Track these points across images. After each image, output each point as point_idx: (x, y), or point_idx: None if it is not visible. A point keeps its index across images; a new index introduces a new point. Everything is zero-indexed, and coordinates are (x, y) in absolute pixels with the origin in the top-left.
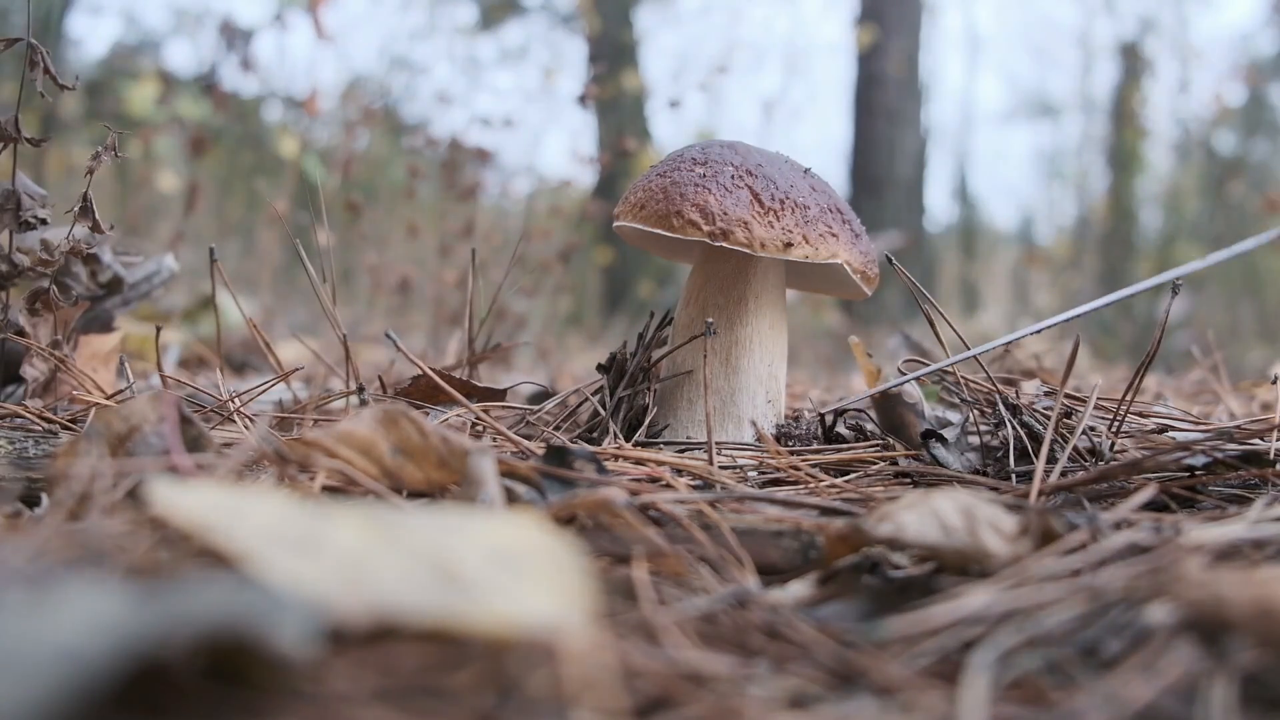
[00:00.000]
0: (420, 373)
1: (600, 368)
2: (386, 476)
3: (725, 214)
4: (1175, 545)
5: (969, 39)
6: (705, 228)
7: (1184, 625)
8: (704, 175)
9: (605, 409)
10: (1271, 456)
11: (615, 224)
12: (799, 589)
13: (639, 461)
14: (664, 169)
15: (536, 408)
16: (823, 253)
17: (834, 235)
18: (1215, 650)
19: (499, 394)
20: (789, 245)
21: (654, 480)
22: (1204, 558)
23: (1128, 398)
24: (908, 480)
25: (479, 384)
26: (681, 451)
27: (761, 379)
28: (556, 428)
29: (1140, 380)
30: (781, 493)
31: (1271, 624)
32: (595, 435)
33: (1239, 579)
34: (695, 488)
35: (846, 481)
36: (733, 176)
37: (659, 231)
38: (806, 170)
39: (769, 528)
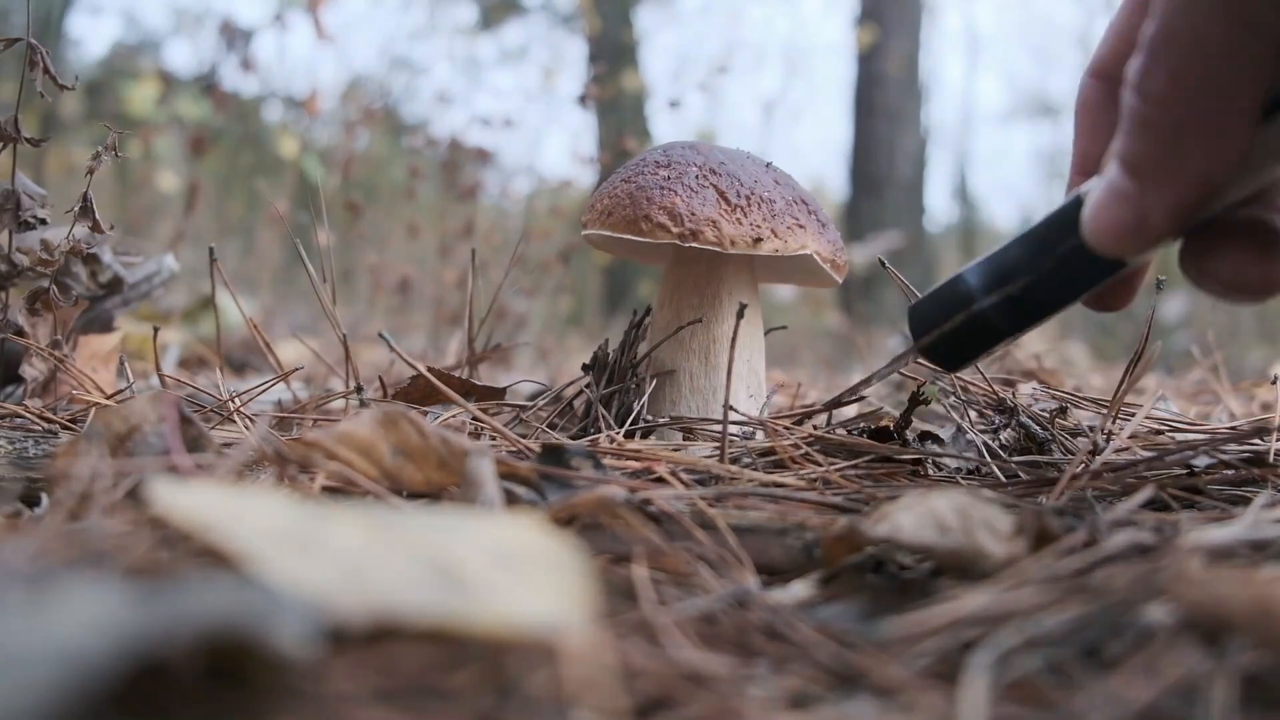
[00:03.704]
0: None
1: (585, 367)
2: (386, 477)
3: (693, 214)
4: (1175, 545)
5: (969, 39)
6: (675, 229)
7: (1184, 625)
8: (668, 178)
9: (596, 404)
10: (1272, 458)
11: (583, 232)
12: (800, 589)
13: (634, 456)
14: (628, 174)
15: (530, 404)
16: (792, 245)
17: (801, 227)
18: (1215, 650)
19: (499, 393)
20: (758, 240)
21: (650, 474)
22: (1204, 558)
23: (1119, 399)
24: (908, 465)
25: (478, 383)
26: (676, 447)
27: (741, 375)
28: (551, 425)
29: (1130, 381)
30: (782, 490)
31: (1271, 624)
32: (591, 432)
33: (1239, 579)
34: (695, 482)
35: (845, 469)
36: (697, 176)
37: (628, 237)
38: (768, 165)
39: (771, 525)
